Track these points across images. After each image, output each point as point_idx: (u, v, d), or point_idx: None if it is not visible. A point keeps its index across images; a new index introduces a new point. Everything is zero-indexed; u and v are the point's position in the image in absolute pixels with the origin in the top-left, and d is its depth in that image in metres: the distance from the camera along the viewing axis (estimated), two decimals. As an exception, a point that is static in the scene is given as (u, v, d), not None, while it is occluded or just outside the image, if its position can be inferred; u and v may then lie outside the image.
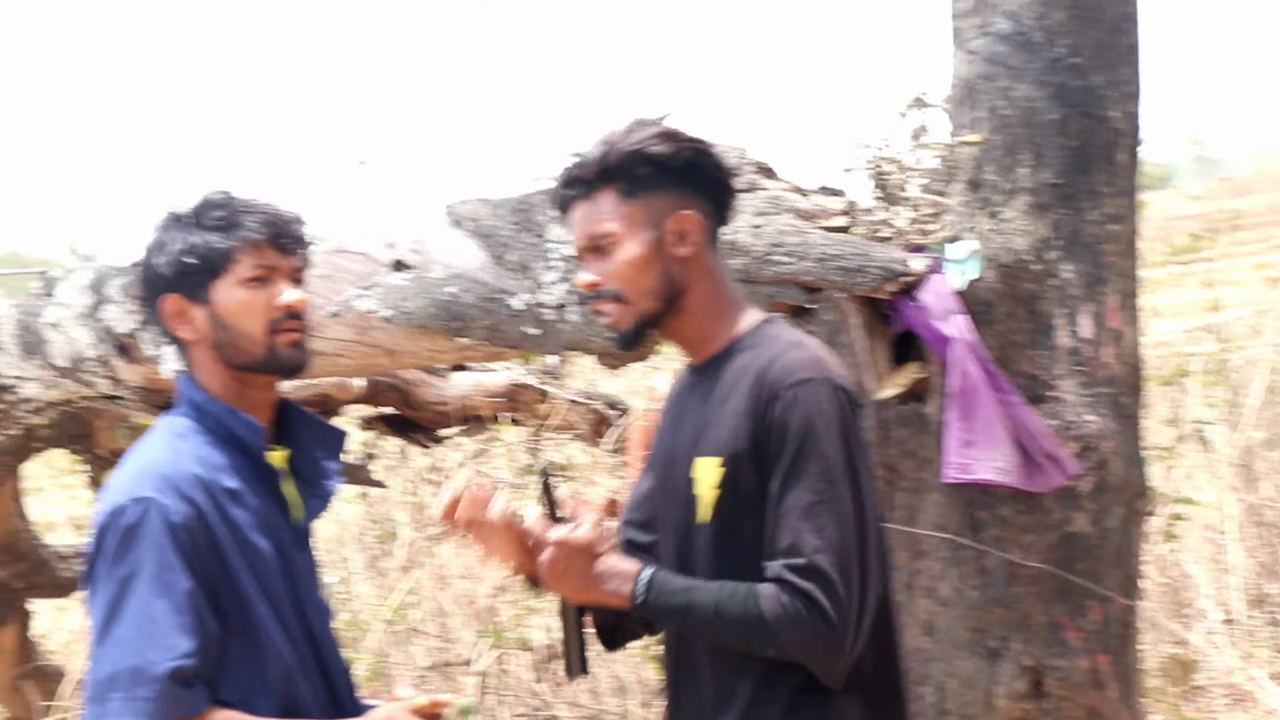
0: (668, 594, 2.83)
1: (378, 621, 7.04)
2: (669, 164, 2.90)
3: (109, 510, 2.78)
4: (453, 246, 4.39)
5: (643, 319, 2.95)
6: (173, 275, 2.94)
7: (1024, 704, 3.56)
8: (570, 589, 2.92)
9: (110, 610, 2.74)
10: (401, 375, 6.85)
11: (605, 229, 2.93)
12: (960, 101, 3.79)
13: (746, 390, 2.84)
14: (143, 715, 2.67)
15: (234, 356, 2.96)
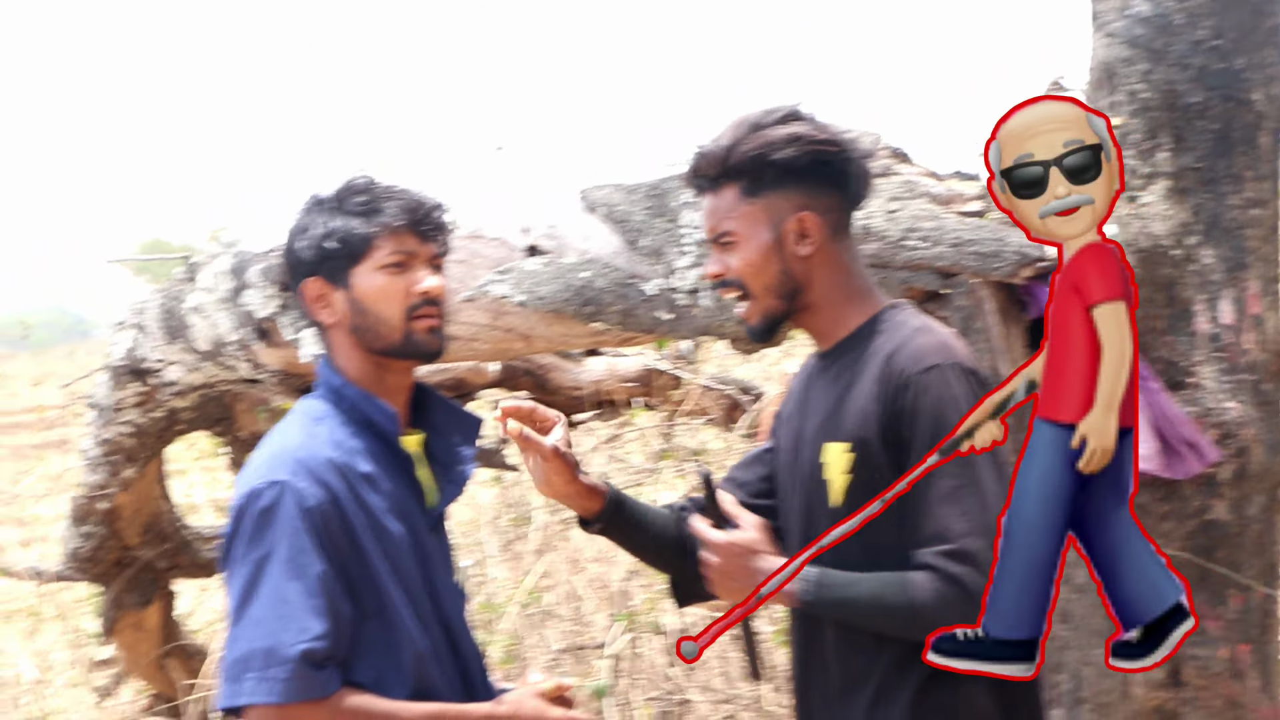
0: (831, 589, 2.84)
1: (512, 604, 7.09)
2: (793, 166, 2.91)
3: (245, 493, 2.83)
4: (587, 232, 4.41)
5: (768, 314, 2.98)
6: (314, 259, 2.99)
7: (1161, 693, 3.53)
8: (737, 591, 2.93)
9: (245, 591, 2.78)
10: (536, 360, 6.89)
11: (726, 226, 2.95)
12: (1099, 85, 3.76)
13: (874, 376, 2.84)
14: (275, 695, 2.72)
15: (372, 341, 2.99)
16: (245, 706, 2.75)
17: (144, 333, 5.81)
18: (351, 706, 2.79)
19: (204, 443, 9.43)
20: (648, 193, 4.30)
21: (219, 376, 5.69)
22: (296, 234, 3.03)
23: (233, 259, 5.45)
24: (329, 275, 2.99)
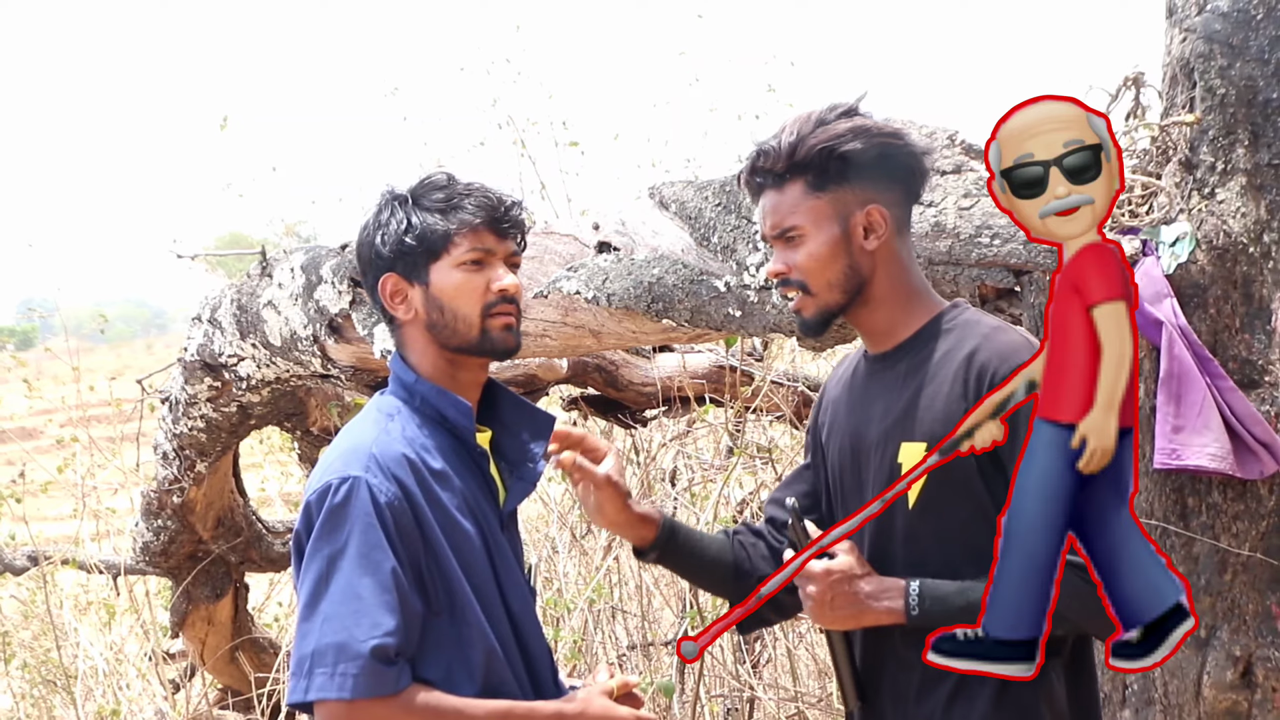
0: (940, 600, 2.84)
1: (581, 600, 7.10)
2: (860, 160, 2.90)
3: (318, 488, 2.84)
4: (657, 228, 4.41)
5: (826, 309, 2.97)
6: (392, 255, 3.00)
7: (1233, 694, 3.49)
8: (842, 618, 2.93)
9: (317, 586, 2.79)
10: (607, 356, 6.90)
11: (792, 222, 2.95)
12: (1175, 80, 3.72)
13: (955, 375, 2.83)
14: (345, 691, 2.72)
15: (448, 338, 3.00)
16: (315, 702, 2.77)
17: (218, 328, 5.86)
18: (421, 703, 2.80)
19: (276, 437, 9.52)
20: (719, 189, 4.29)
21: (291, 371, 5.73)
22: (374, 229, 3.04)
23: (306, 255, 5.49)
24: (406, 271, 3.00)
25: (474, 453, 3.04)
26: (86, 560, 7.59)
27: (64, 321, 9.71)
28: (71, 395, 9.30)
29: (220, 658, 7.32)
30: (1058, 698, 2.84)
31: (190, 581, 6.96)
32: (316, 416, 6.65)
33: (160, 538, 6.81)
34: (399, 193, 3.05)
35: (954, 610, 2.81)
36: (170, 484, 6.54)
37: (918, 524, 2.87)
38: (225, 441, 6.38)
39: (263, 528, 7.17)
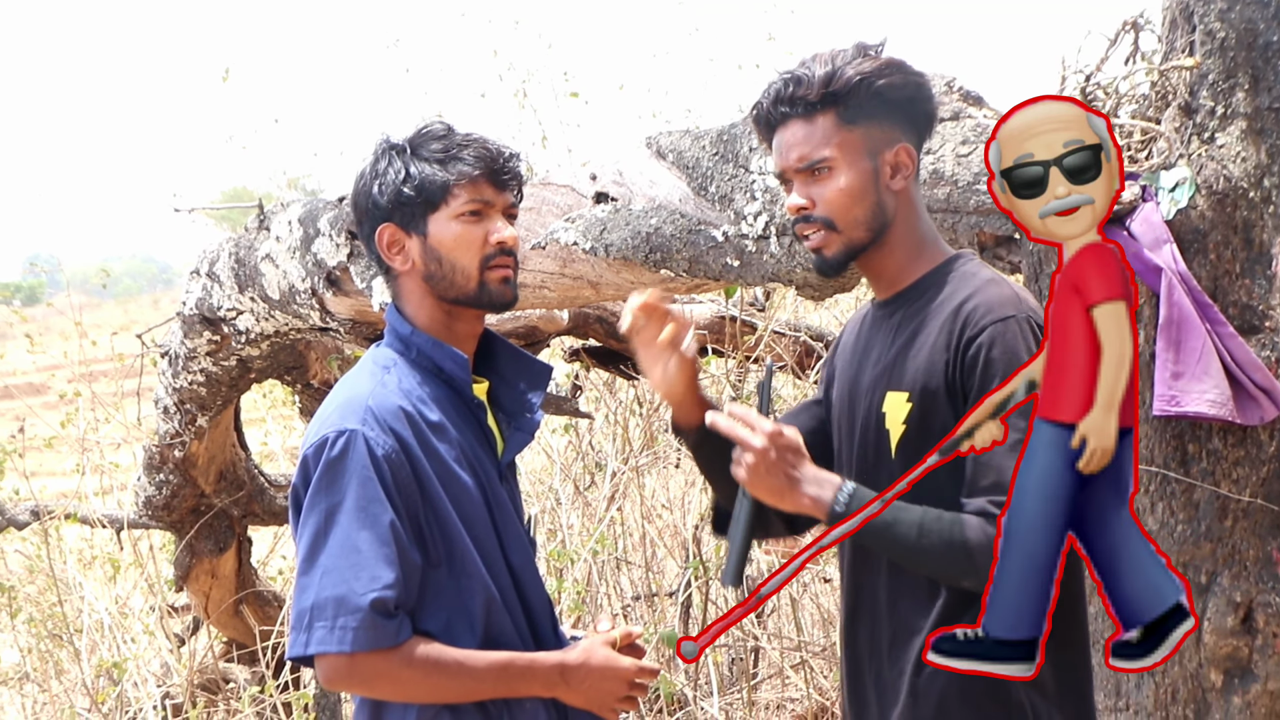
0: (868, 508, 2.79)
1: (584, 551, 7.12)
2: (894, 95, 2.87)
3: (315, 442, 2.84)
4: (654, 178, 4.39)
5: (851, 248, 2.93)
6: (389, 205, 2.98)
7: (1233, 640, 3.49)
8: (769, 489, 2.83)
9: (315, 540, 2.79)
10: (607, 307, 6.89)
11: (823, 154, 2.89)
12: (1174, 24, 3.68)
13: (941, 327, 2.81)
14: (344, 644, 2.73)
15: (445, 290, 2.99)
16: (315, 655, 2.77)
17: (216, 281, 5.85)
18: (421, 655, 2.80)
19: (279, 391, 9.52)
20: (716, 138, 4.26)
21: (290, 325, 5.72)
22: (370, 179, 3.02)
23: (304, 208, 5.48)
24: (404, 222, 2.99)
25: (471, 404, 3.04)
26: (89, 515, 7.60)
27: (69, 277, 9.71)
28: (75, 351, 9.30)
29: (224, 611, 7.34)
30: None
31: (193, 535, 6.97)
32: (317, 370, 6.64)
33: (162, 492, 6.81)
34: (396, 142, 3.03)
35: (883, 522, 2.75)
36: (171, 438, 6.54)
37: (899, 474, 2.84)
38: (225, 395, 6.38)
39: (265, 481, 7.17)
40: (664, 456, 8.28)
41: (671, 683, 6.30)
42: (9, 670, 8.29)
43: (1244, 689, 3.51)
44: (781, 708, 6.84)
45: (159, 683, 7.39)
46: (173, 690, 7.30)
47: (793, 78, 2.91)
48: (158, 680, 7.41)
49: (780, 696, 6.92)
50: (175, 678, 7.40)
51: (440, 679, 2.82)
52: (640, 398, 8.27)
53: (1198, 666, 3.52)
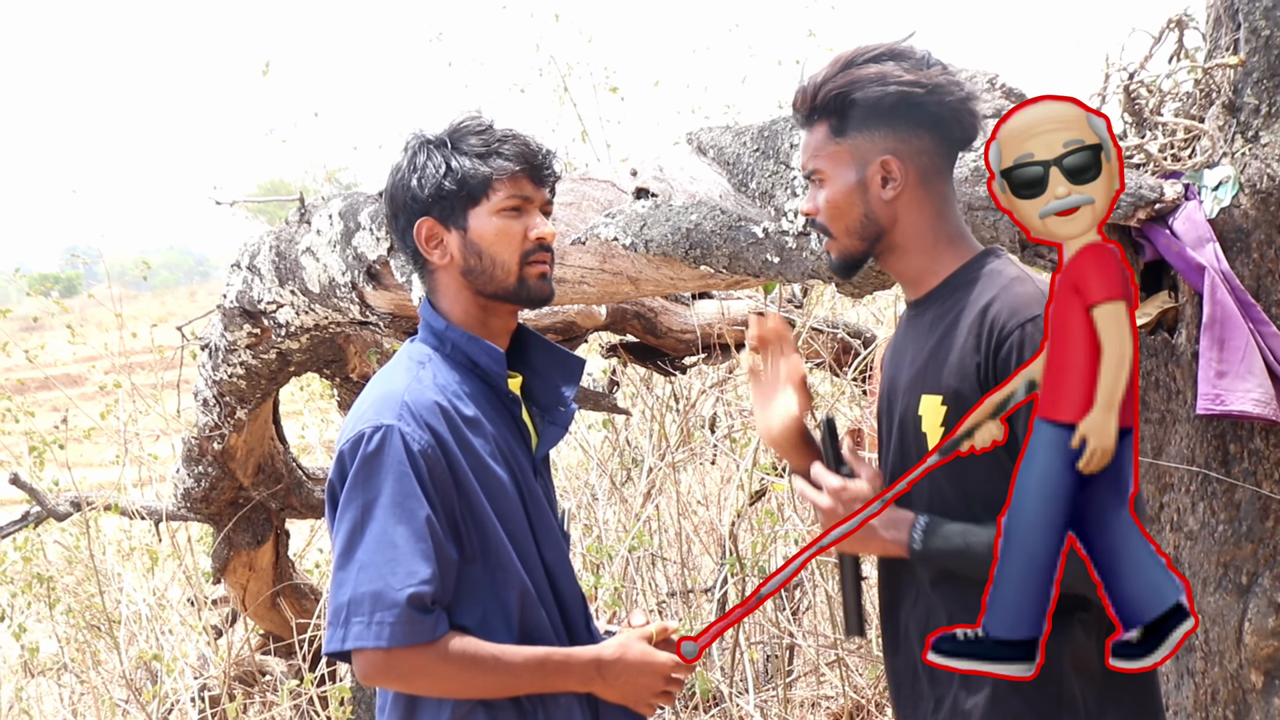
0: (944, 538, 2.81)
1: (621, 547, 7.12)
2: (878, 105, 2.86)
3: (351, 437, 2.85)
4: (695, 174, 4.39)
5: (847, 255, 2.97)
6: (429, 198, 2.98)
7: (1274, 641, 3.48)
8: (846, 542, 2.90)
9: (351, 535, 2.80)
10: (645, 303, 6.89)
11: (815, 165, 2.95)
12: (1218, 21, 3.67)
13: (970, 327, 2.81)
14: (381, 640, 2.73)
15: (484, 284, 3.00)
16: (353, 651, 2.78)
17: (257, 274, 5.86)
18: (458, 650, 2.81)
19: (316, 384, 9.55)
20: (757, 134, 4.26)
21: (330, 318, 5.73)
22: (409, 173, 3.02)
23: (344, 202, 5.49)
24: (443, 216, 2.99)
25: (505, 398, 3.04)
26: (128, 506, 7.63)
27: (108, 269, 9.75)
28: (114, 342, 9.35)
29: (261, 603, 7.37)
30: (1084, 653, 2.81)
31: (231, 528, 7.00)
32: (355, 363, 6.66)
33: (201, 484, 6.84)
34: (435, 136, 3.03)
35: (953, 550, 2.79)
36: (211, 430, 6.57)
37: (939, 475, 2.84)
38: (265, 388, 6.40)
39: (303, 474, 7.19)
40: (700, 453, 8.29)
41: (707, 679, 6.30)
42: (47, 660, 8.33)
43: (1285, 690, 3.50)
44: (817, 705, 6.84)
45: (196, 674, 7.41)
46: (210, 682, 7.33)
47: (797, 90, 2.97)
48: (195, 672, 7.44)
49: (815, 694, 6.91)
50: (212, 670, 7.43)
51: (477, 674, 2.83)
52: (677, 393, 8.27)
53: (1238, 667, 3.51)
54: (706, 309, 7.18)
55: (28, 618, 8.35)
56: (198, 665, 7.53)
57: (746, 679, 6.42)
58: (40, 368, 9.66)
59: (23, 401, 9.01)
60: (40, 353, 9.28)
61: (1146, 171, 3.59)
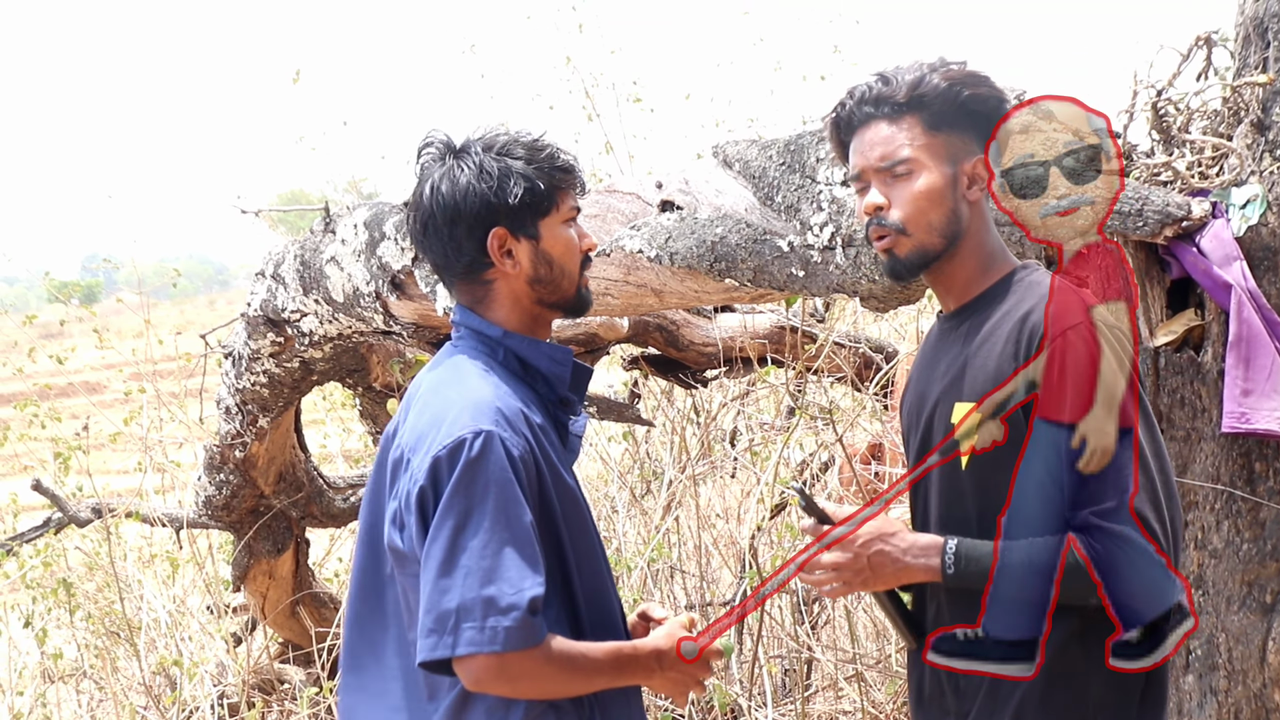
0: (976, 559, 2.80)
1: (641, 560, 7.12)
2: (978, 108, 2.89)
3: (448, 444, 2.82)
4: (720, 187, 4.39)
5: (924, 253, 2.94)
6: (504, 208, 2.97)
7: (1298, 660, 3.48)
8: (883, 579, 2.91)
9: (455, 542, 2.78)
10: (668, 315, 6.89)
11: (906, 154, 2.92)
12: (1248, 40, 3.67)
13: (1009, 336, 2.81)
14: (496, 644, 2.72)
15: (549, 294, 3.02)
16: (463, 657, 2.76)
17: (281, 283, 5.88)
18: (558, 650, 2.81)
19: (338, 394, 9.56)
20: (783, 148, 4.26)
21: (354, 328, 5.75)
22: (479, 181, 2.98)
23: (369, 211, 5.50)
24: (515, 226, 2.99)
25: (553, 404, 3.05)
26: (149, 513, 7.64)
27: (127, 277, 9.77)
28: (138, 349, 9.37)
29: (281, 612, 7.37)
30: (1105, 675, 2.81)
31: (252, 536, 7.01)
32: (379, 373, 6.66)
33: (222, 492, 6.85)
34: (480, 146, 3.00)
35: (987, 569, 2.79)
36: (233, 438, 6.58)
37: (977, 481, 2.84)
38: (287, 397, 6.41)
39: (324, 483, 7.20)
40: (720, 466, 8.28)
41: (726, 692, 6.30)
42: (67, 667, 8.34)
43: (1309, 710, 3.49)
44: (835, 720, 6.83)
45: (215, 682, 7.42)
46: (228, 690, 7.33)
47: (881, 78, 2.96)
48: (214, 679, 7.45)
49: (834, 709, 6.90)
50: (231, 677, 7.44)
51: (572, 673, 2.83)
52: (698, 406, 8.27)
53: (1261, 686, 3.50)
54: (728, 322, 7.18)
55: (48, 624, 8.36)
56: (217, 673, 7.54)
57: (765, 692, 6.40)
58: (64, 374, 9.69)
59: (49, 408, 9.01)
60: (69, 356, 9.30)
61: (1174, 189, 3.59)
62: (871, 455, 7.51)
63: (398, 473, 2.93)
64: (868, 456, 7.45)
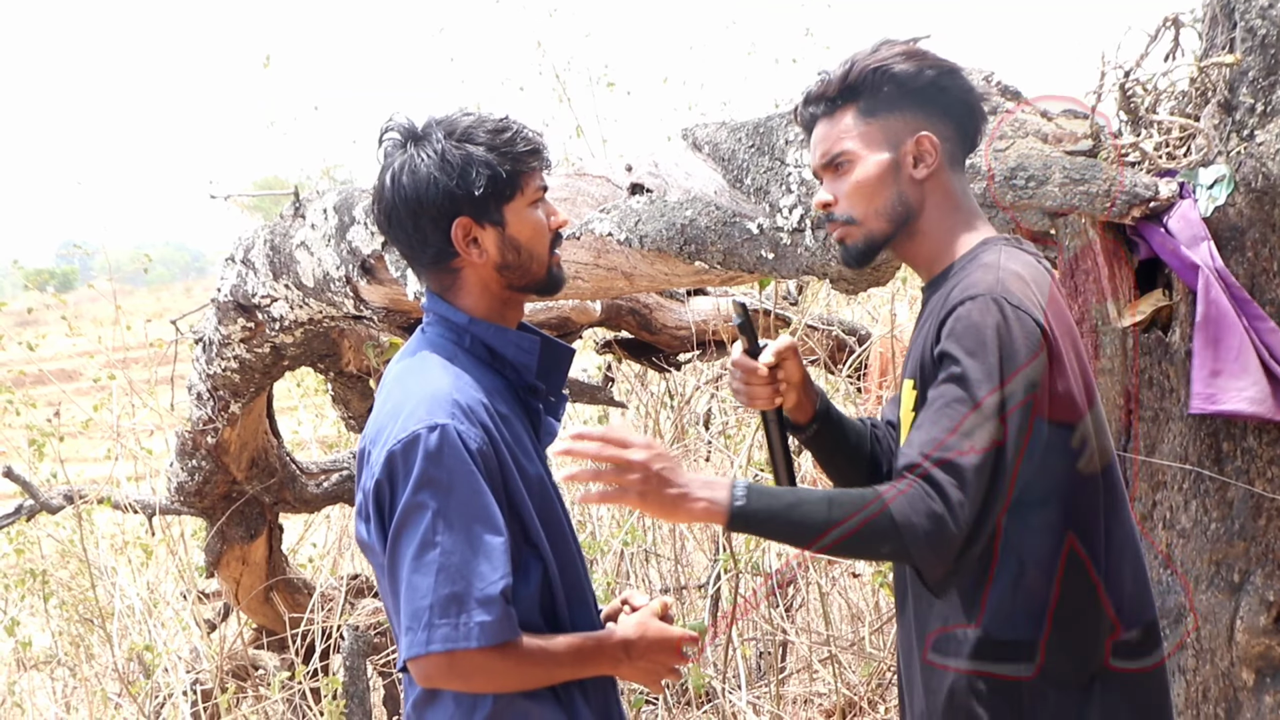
0: (771, 495, 2.71)
1: (615, 543, 7.12)
2: (911, 84, 2.88)
3: (404, 438, 2.78)
4: (690, 170, 4.39)
5: (872, 239, 2.94)
6: (467, 197, 2.91)
7: (1265, 639, 3.47)
8: (659, 503, 2.74)
9: (424, 538, 2.75)
10: (640, 299, 6.89)
11: (843, 147, 2.92)
12: (1215, 20, 3.67)
13: (939, 312, 2.80)
14: (471, 639, 2.70)
15: (518, 278, 2.98)
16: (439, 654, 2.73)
17: (251, 268, 5.86)
18: (527, 645, 2.79)
19: (311, 380, 9.54)
20: (752, 130, 4.26)
21: (324, 312, 5.73)
22: (441, 171, 2.91)
23: (339, 196, 5.49)
24: (479, 214, 2.93)
25: (525, 391, 3.02)
26: (122, 500, 7.62)
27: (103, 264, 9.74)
28: (110, 337, 9.34)
29: (255, 598, 7.36)
30: None
31: (225, 522, 6.99)
32: (350, 357, 6.65)
33: (195, 478, 6.83)
34: (440, 131, 2.94)
35: (785, 506, 2.68)
36: (204, 424, 6.56)
37: None
38: (259, 382, 6.40)
39: (296, 469, 7.18)
40: (694, 449, 8.29)
41: (701, 675, 6.31)
42: (40, 655, 8.33)
43: (1275, 688, 3.50)
44: (809, 702, 6.84)
45: (189, 668, 7.41)
46: (202, 676, 7.32)
47: (819, 78, 2.96)
48: (187, 666, 7.44)
49: (808, 691, 6.92)
50: (205, 664, 7.42)
51: (529, 666, 2.81)
52: (671, 390, 8.27)
53: (1229, 665, 3.51)
54: (701, 306, 7.18)
55: (21, 611, 8.34)
56: (190, 659, 7.52)
57: (739, 675, 6.41)
58: (36, 361, 9.65)
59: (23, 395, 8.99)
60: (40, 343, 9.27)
61: (1142, 169, 3.59)
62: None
63: (362, 465, 2.91)
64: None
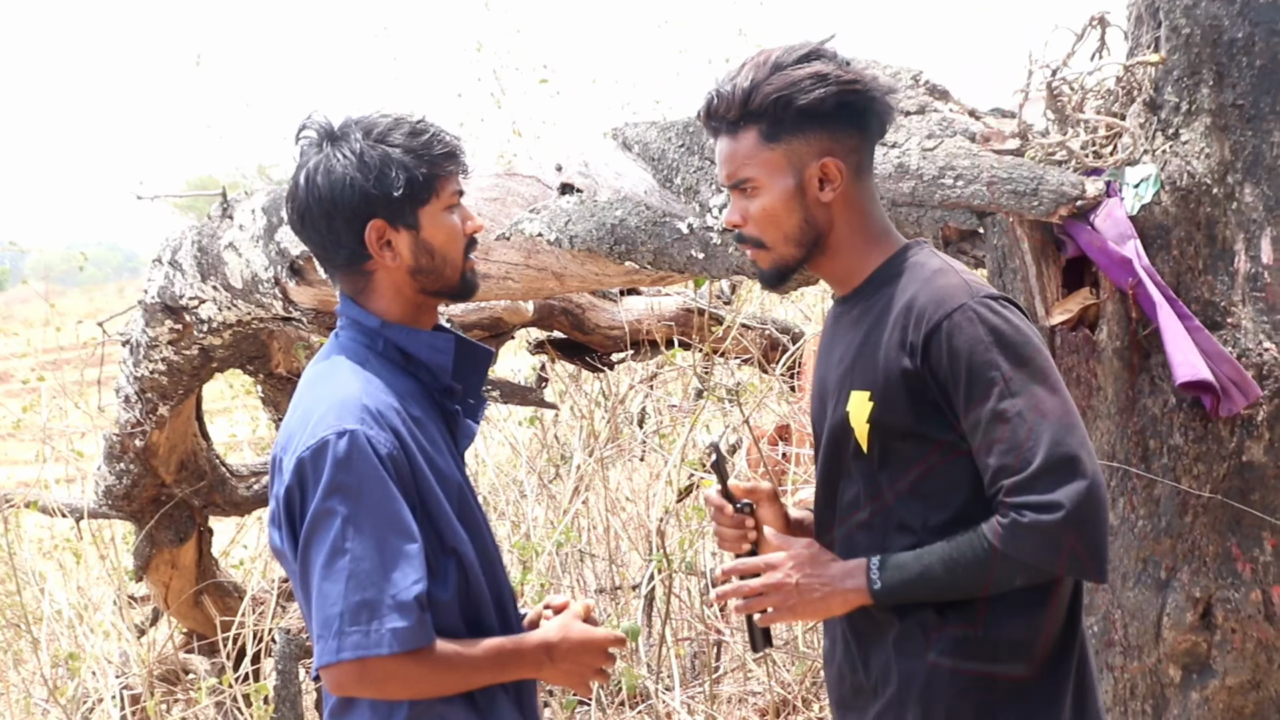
0: (900, 568, 2.75)
1: (549, 544, 7.10)
2: (817, 110, 2.80)
3: (312, 445, 2.75)
4: (620, 170, 4.38)
5: (783, 263, 2.91)
6: (382, 199, 2.87)
7: (1192, 635, 3.50)
8: (811, 608, 2.86)
9: (334, 545, 2.71)
10: (573, 299, 6.88)
11: (746, 174, 2.86)
12: (1140, 20, 3.69)
13: (895, 324, 2.78)
14: (382, 646, 2.67)
15: (432, 283, 2.94)
16: (351, 661, 2.69)
17: (179, 270, 5.82)
18: (441, 651, 2.76)
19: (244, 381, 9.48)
20: (682, 130, 4.26)
21: (253, 314, 5.70)
22: (357, 172, 2.86)
23: (267, 197, 5.45)
24: (393, 216, 2.88)
25: (439, 393, 2.99)
26: (49, 503, 7.54)
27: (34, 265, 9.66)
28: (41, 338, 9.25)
29: (185, 601, 7.30)
30: None
31: (153, 525, 6.92)
32: (280, 360, 6.60)
33: (123, 481, 6.76)
34: (359, 132, 2.89)
35: (914, 577, 2.74)
36: (132, 427, 6.50)
37: (872, 469, 2.83)
38: (187, 384, 6.34)
39: (226, 471, 7.13)
40: (628, 449, 8.28)
41: (634, 675, 6.30)
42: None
43: (1202, 685, 3.52)
44: (744, 701, 6.84)
45: (118, 673, 7.34)
46: (131, 681, 7.25)
47: (716, 94, 2.86)
48: (117, 671, 7.37)
49: (742, 690, 6.91)
50: (134, 668, 7.36)
51: (444, 672, 2.77)
52: (605, 390, 8.26)
53: (1156, 662, 3.53)
54: (635, 305, 7.18)
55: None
56: (120, 663, 7.45)
57: (673, 675, 6.41)
58: (-37, 364, 9.56)
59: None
60: (-31, 345, 9.18)
61: (1068, 168, 3.60)
62: (779, 436, 7.53)
63: (275, 472, 2.86)
64: (775, 438, 7.46)
